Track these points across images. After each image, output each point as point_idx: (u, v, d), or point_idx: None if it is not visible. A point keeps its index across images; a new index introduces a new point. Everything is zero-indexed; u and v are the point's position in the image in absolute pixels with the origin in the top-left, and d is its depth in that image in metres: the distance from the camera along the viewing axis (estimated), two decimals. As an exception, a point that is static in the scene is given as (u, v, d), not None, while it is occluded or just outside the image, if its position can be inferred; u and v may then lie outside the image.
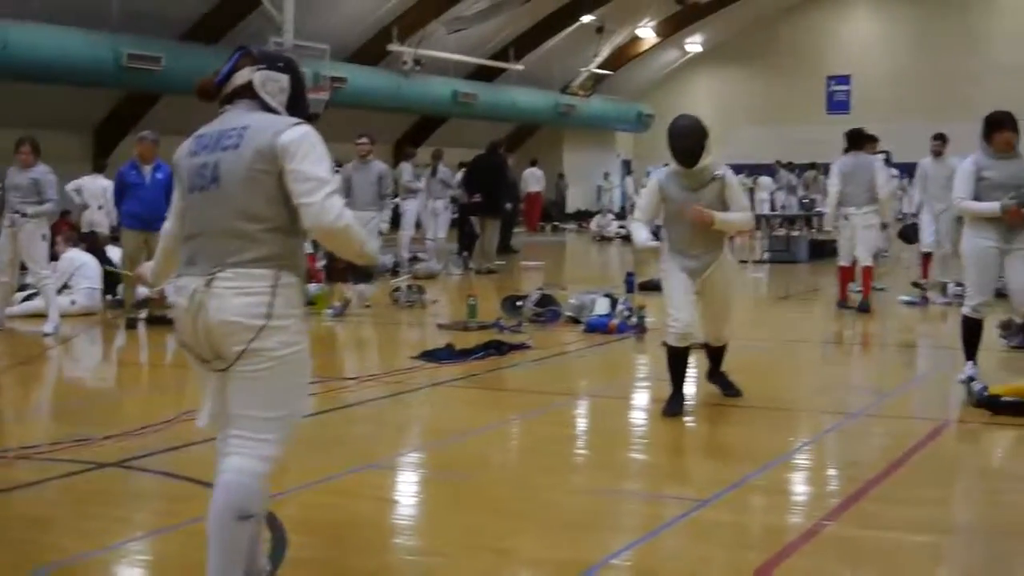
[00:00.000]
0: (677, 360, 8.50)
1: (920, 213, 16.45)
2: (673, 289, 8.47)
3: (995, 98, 38.74)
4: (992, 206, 9.03)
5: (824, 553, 5.40)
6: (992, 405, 8.26)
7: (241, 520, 4.32)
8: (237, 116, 4.52)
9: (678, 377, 8.51)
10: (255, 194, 4.37)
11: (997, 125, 9.17)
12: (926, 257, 16.28)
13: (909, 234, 17.23)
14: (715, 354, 8.99)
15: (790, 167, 36.77)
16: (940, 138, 16.11)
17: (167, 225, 4.80)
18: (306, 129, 4.43)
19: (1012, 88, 38.26)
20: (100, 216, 18.63)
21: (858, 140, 14.99)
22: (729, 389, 8.97)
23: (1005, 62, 40.71)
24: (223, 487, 4.37)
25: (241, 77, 4.58)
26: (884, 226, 15.78)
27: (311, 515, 6.12)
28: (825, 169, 23.81)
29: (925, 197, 16.13)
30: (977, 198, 9.16)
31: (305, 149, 4.37)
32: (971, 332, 9.43)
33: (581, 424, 8.92)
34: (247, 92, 4.56)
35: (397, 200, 21.09)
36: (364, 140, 15.82)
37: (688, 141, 8.25)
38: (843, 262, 15.11)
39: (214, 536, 4.34)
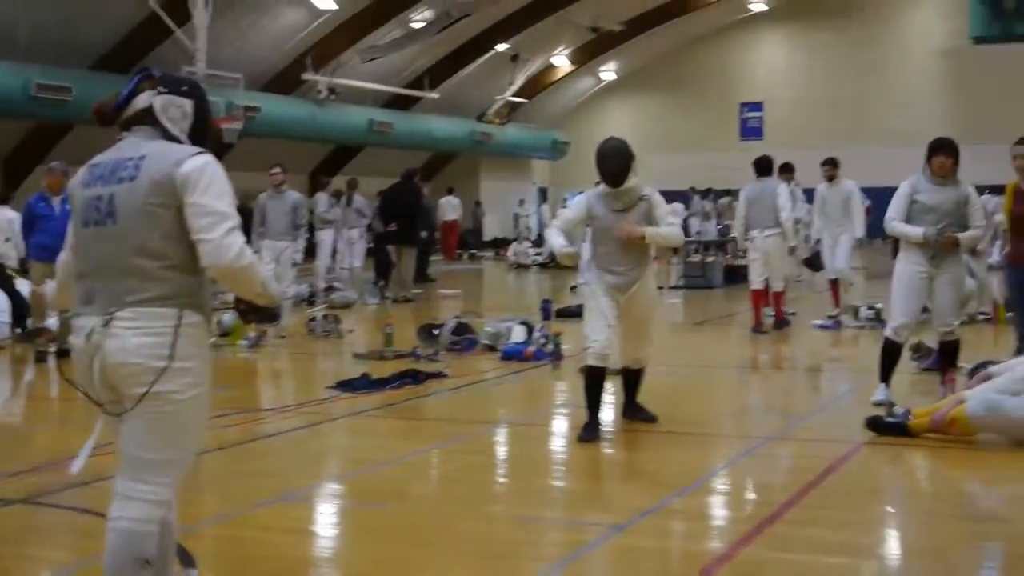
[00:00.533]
0: (594, 383, 8.53)
1: (822, 239, 16.64)
2: (594, 310, 8.55)
3: (901, 124, 39.58)
4: (916, 232, 9.30)
5: (740, 577, 5.42)
6: (875, 427, 8.41)
7: (140, 568, 4.20)
8: (135, 145, 4.30)
9: (594, 402, 8.53)
10: (153, 229, 4.16)
11: (935, 150, 9.45)
12: (833, 283, 16.49)
13: (814, 262, 17.46)
14: (632, 380, 9.02)
15: (706, 193, 37.05)
16: (831, 163, 16.35)
17: (63, 257, 4.53)
18: (207, 159, 4.23)
19: (917, 115, 39.06)
20: (7, 248, 18.30)
21: (765, 167, 15.33)
22: (644, 415, 9.00)
23: (911, 89, 41.49)
24: (119, 534, 4.23)
25: (141, 101, 4.35)
26: (792, 249, 16.00)
27: (225, 548, 6.05)
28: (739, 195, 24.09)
29: (824, 222, 16.35)
30: (909, 220, 9.38)
31: (206, 181, 4.16)
32: (888, 355, 9.65)
33: (498, 452, 8.90)
34: (147, 117, 4.34)
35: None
36: (277, 170, 15.70)
37: (615, 162, 8.45)
38: (755, 286, 15.37)
39: None
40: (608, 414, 9.14)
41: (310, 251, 19.75)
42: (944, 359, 9.85)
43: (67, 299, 4.55)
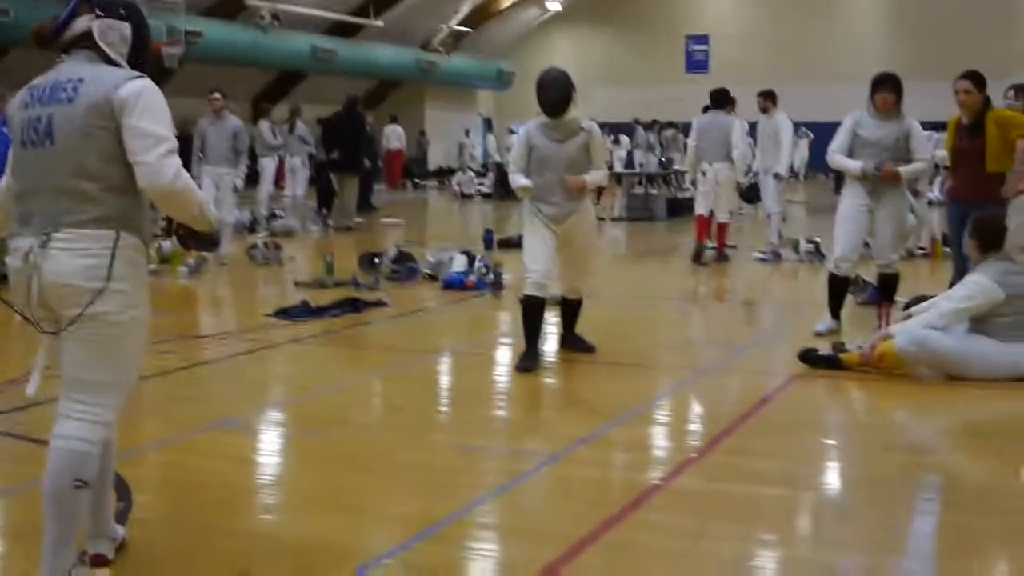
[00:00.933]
0: (532, 312, 8.56)
1: (759, 172, 16.78)
2: (532, 240, 8.59)
3: (847, 60, 39.62)
4: (855, 166, 9.46)
5: (674, 506, 5.47)
6: (807, 359, 8.51)
7: (77, 488, 4.20)
8: (73, 67, 4.30)
9: (533, 331, 8.57)
10: (91, 151, 4.17)
11: (877, 85, 9.61)
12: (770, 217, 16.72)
13: (750, 195, 17.58)
14: (570, 310, 9.07)
15: (651, 126, 36.97)
16: (764, 95, 16.45)
17: (3, 181, 4.53)
18: (145, 83, 4.24)
19: (863, 51, 39.15)
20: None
21: (720, 100, 15.38)
22: (582, 345, 9.05)
23: (857, 26, 41.61)
24: (58, 453, 4.22)
25: (80, 25, 4.35)
26: (739, 185, 16.12)
27: (166, 474, 6.06)
28: (684, 128, 24.14)
29: (761, 155, 16.50)
30: (851, 154, 9.50)
31: (143, 104, 4.18)
32: (833, 288, 9.82)
33: (438, 381, 8.92)
34: (86, 41, 4.34)
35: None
36: (217, 96, 15.56)
37: (556, 92, 8.41)
38: (700, 210, 15.56)
39: (50, 504, 4.21)
40: (548, 344, 9.18)
41: (253, 178, 19.60)
42: (882, 293, 10.00)
43: (7, 224, 4.54)
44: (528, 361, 8.47)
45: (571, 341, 9.11)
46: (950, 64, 14.49)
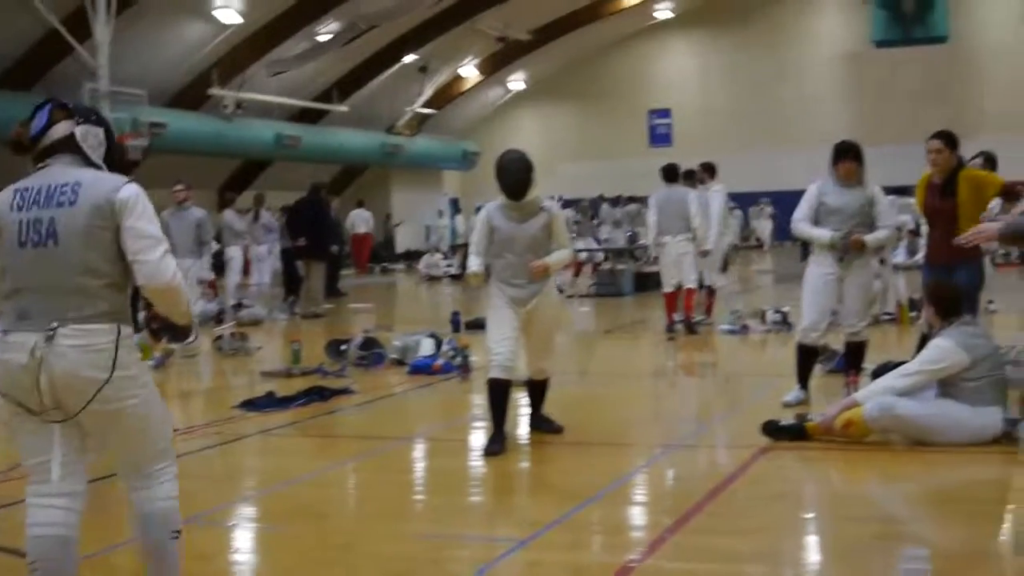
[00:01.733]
0: (498, 394, 8.50)
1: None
2: (496, 322, 8.55)
3: (808, 128, 39.97)
4: (823, 235, 9.46)
5: (644, 588, 5.41)
6: (771, 431, 8.48)
7: (174, 539, 4.78)
8: (64, 171, 4.56)
9: (499, 414, 8.51)
10: (93, 249, 4.45)
11: (839, 155, 9.60)
12: (708, 290, 16.96)
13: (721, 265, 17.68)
14: (537, 391, 9.02)
15: (616, 201, 37.04)
16: (701, 166, 16.74)
17: None
18: (137, 187, 4.55)
19: (821, 117, 39.59)
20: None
21: (671, 174, 15.55)
22: (550, 426, 9.01)
23: (814, 93, 42.06)
24: (155, 515, 4.73)
25: (59, 131, 4.62)
26: (704, 253, 16.17)
27: (126, 576, 5.96)
28: (647, 202, 24.25)
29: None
30: (816, 223, 9.52)
31: (140, 207, 4.49)
32: (801, 358, 9.81)
33: (405, 468, 8.81)
34: (66, 146, 4.61)
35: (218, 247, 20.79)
36: (180, 187, 15.57)
37: (516, 175, 8.42)
38: (667, 288, 15.66)
39: (153, 556, 4.77)
40: (516, 426, 9.14)
41: (219, 268, 19.56)
42: (849, 361, 9.98)
43: None
44: (495, 444, 8.41)
45: (539, 422, 9.06)
46: (908, 128, 14.61)
